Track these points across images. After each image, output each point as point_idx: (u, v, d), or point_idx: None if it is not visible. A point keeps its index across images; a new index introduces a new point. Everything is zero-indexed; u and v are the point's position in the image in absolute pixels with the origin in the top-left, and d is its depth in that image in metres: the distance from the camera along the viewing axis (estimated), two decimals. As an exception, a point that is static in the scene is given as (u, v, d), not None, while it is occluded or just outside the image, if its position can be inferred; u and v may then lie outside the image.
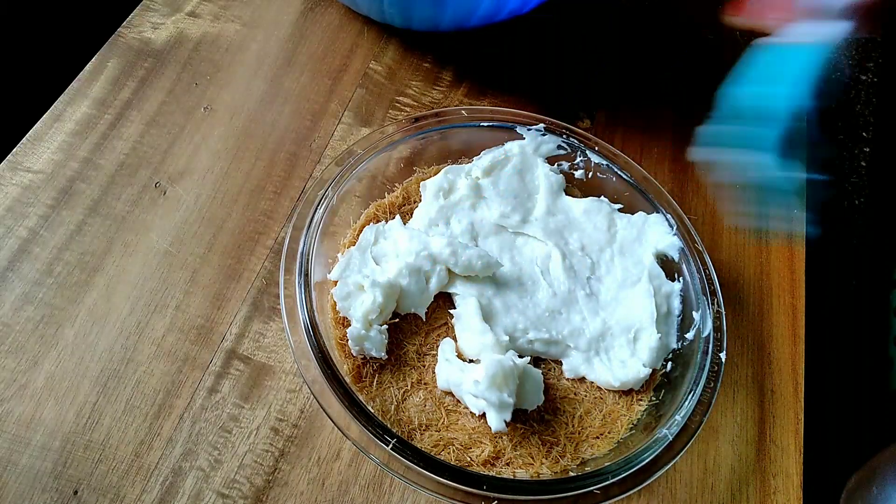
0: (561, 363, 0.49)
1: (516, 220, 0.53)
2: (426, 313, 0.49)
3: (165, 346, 0.48)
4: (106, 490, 0.43)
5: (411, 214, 0.54)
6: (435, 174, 0.55)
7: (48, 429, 0.44)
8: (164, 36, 0.62)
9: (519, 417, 0.46)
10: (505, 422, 0.43)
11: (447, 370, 0.46)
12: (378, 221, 0.53)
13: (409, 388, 0.47)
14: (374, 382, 0.46)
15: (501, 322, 0.48)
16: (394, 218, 0.53)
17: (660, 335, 0.49)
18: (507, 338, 0.47)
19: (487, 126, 0.56)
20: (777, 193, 0.50)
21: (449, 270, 0.49)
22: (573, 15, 0.73)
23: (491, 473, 0.43)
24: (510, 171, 0.55)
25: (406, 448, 0.40)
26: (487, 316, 0.48)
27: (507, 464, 0.45)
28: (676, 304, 0.51)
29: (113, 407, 0.45)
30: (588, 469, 0.43)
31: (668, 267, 0.53)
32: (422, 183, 0.55)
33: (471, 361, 0.47)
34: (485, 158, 0.55)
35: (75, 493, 0.42)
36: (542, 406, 0.46)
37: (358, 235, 0.52)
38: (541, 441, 0.45)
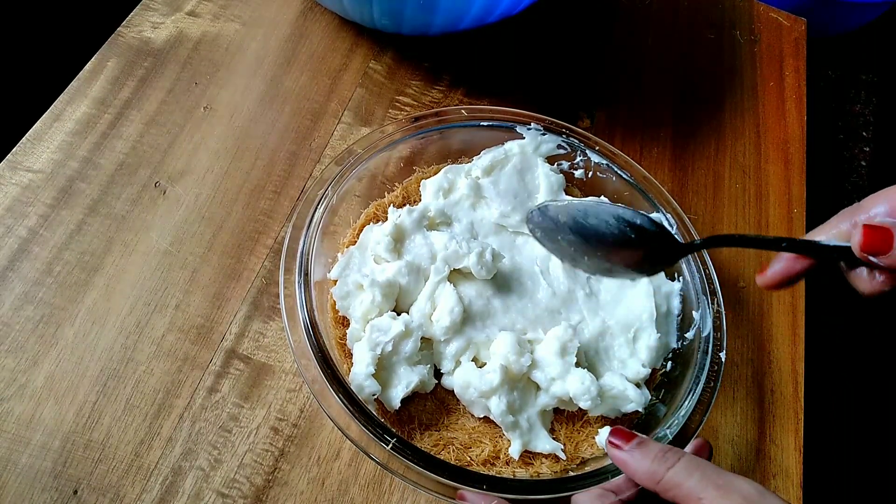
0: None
1: (516, 220, 0.53)
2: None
3: (165, 346, 0.48)
4: (106, 489, 0.43)
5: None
6: (435, 174, 0.55)
7: (48, 428, 0.44)
8: (163, 35, 0.62)
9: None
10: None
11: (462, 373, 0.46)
12: (378, 221, 0.53)
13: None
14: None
15: (500, 322, 0.48)
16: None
17: (659, 335, 0.49)
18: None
19: (487, 125, 0.56)
20: None
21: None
22: (574, 15, 0.73)
23: (491, 473, 0.43)
24: (510, 171, 0.55)
25: (406, 448, 0.40)
26: (486, 315, 0.48)
27: (507, 463, 0.45)
28: (676, 304, 0.51)
29: (113, 406, 0.45)
30: (588, 469, 0.43)
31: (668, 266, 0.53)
32: (422, 182, 0.55)
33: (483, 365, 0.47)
34: (485, 158, 0.55)
35: (75, 492, 0.42)
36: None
37: (358, 235, 0.51)
38: (541, 441, 0.45)
